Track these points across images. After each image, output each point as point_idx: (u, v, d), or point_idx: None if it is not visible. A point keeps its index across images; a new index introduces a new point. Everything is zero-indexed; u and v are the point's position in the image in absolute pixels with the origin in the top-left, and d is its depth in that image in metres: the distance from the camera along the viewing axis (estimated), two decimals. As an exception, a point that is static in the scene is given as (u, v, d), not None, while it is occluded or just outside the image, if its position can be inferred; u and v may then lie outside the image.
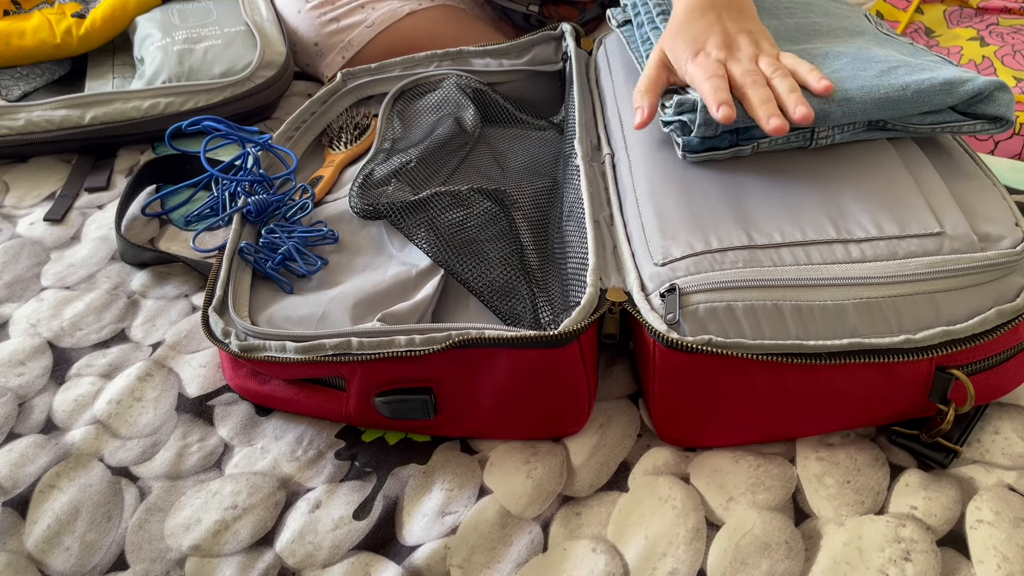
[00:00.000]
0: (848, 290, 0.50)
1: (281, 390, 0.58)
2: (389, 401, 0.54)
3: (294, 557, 0.51)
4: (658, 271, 0.53)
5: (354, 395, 0.55)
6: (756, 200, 0.56)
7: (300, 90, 1.02)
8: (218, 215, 0.76)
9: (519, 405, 0.54)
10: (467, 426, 0.56)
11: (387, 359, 0.52)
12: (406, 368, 0.53)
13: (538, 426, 0.56)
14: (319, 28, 0.99)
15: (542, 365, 0.52)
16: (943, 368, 0.51)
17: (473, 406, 0.54)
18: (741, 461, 0.54)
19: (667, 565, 0.49)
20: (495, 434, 0.57)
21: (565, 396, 0.54)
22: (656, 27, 0.69)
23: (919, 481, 0.53)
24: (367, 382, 0.54)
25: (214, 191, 0.77)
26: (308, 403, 0.57)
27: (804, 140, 0.58)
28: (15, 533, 0.53)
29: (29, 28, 0.95)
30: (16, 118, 0.85)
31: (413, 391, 0.54)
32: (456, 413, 0.55)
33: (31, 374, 0.64)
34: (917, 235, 0.52)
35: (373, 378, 0.54)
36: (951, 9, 1.12)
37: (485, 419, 0.55)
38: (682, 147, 0.59)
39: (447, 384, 0.53)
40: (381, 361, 0.53)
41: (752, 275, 0.51)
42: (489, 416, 0.55)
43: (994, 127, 0.57)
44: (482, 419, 0.55)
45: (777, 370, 0.50)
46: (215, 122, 0.77)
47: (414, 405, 0.54)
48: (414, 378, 0.53)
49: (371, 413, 0.55)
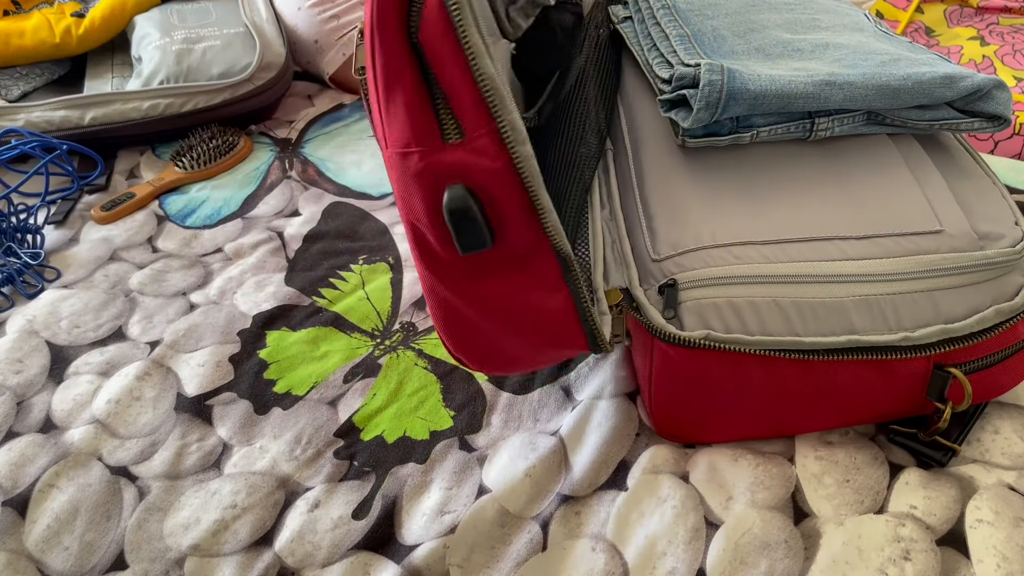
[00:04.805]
0: (847, 287, 0.50)
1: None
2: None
3: (293, 557, 0.51)
4: (657, 266, 0.53)
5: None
6: (755, 196, 0.56)
7: (299, 91, 1.02)
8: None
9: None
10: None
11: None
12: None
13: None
14: (319, 25, 0.99)
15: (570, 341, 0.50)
16: (941, 366, 0.51)
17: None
18: (740, 460, 0.54)
19: (666, 564, 0.49)
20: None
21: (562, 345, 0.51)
22: (656, 23, 0.69)
23: (919, 480, 0.52)
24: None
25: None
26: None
27: (804, 131, 0.58)
28: (15, 532, 0.53)
29: (28, 28, 0.95)
30: (16, 118, 0.85)
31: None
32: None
33: (29, 372, 0.64)
34: (916, 233, 0.52)
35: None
36: (951, 8, 1.12)
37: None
38: (682, 132, 0.59)
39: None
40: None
41: (750, 271, 0.51)
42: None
43: (992, 125, 0.57)
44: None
45: (774, 366, 0.50)
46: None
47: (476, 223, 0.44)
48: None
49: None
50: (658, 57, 0.64)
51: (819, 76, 0.56)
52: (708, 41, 0.64)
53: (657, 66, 0.63)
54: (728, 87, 0.54)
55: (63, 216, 0.81)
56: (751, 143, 0.59)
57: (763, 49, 0.63)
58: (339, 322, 0.69)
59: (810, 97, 0.55)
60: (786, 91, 0.55)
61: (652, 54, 0.65)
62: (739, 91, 0.54)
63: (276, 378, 0.63)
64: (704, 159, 0.60)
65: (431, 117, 0.42)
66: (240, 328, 0.68)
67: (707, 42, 0.64)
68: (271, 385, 0.63)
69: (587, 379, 0.61)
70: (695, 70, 0.56)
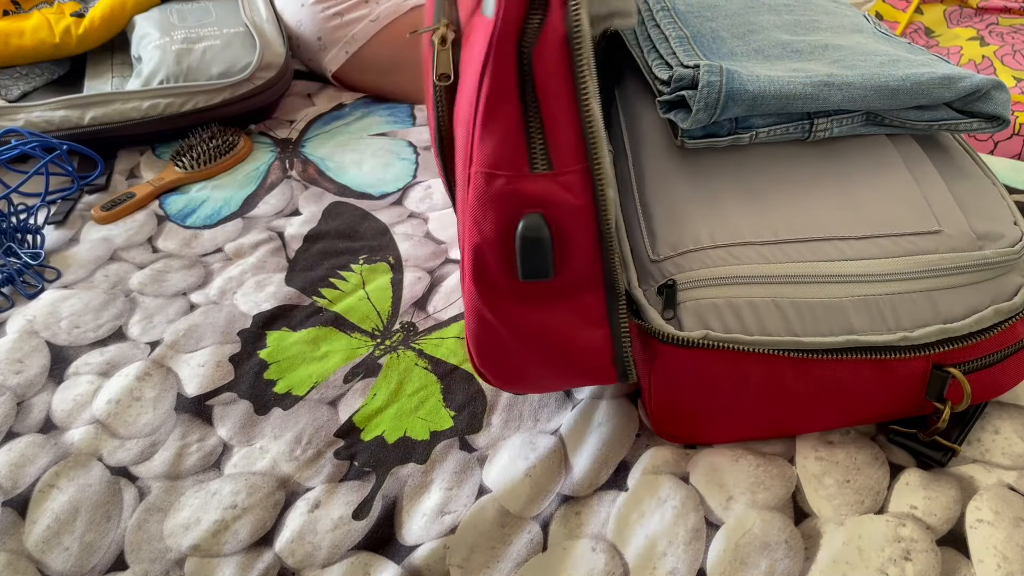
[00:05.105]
0: (846, 287, 0.50)
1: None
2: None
3: (293, 557, 0.51)
4: (656, 267, 0.53)
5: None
6: (754, 197, 0.56)
7: (299, 90, 1.02)
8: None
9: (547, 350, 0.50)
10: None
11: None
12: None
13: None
14: (323, 22, 0.99)
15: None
16: (940, 366, 0.51)
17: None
18: (740, 460, 0.54)
19: (667, 564, 0.49)
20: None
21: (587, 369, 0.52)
22: (656, 25, 0.69)
23: (919, 480, 0.53)
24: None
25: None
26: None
27: (803, 132, 0.58)
28: (15, 533, 0.53)
29: (28, 28, 0.95)
30: (16, 118, 0.85)
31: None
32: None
33: (29, 372, 0.64)
34: (915, 233, 0.52)
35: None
36: (951, 9, 1.12)
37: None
38: (681, 133, 0.59)
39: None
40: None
41: (749, 271, 0.51)
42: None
43: (991, 126, 0.57)
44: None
45: (773, 366, 0.50)
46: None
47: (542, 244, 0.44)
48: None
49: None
50: (657, 59, 0.64)
51: (818, 77, 0.56)
52: (707, 43, 0.64)
53: (656, 68, 0.63)
54: (727, 88, 0.54)
55: (63, 216, 0.81)
56: (750, 144, 0.59)
57: (762, 50, 0.63)
58: (339, 322, 0.69)
59: (809, 98, 0.55)
60: (785, 92, 0.55)
61: (652, 56, 0.65)
62: (738, 92, 0.54)
63: (276, 378, 0.64)
64: (703, 160, 0.60)
65: (524, 143, 0.42)
66: (240, 328, 0.68)
67: (706, 44, 0.64)
68: (271, 385, 0.63)
69: (587, 379, 0.61)
70: (694, 71, 0.56)
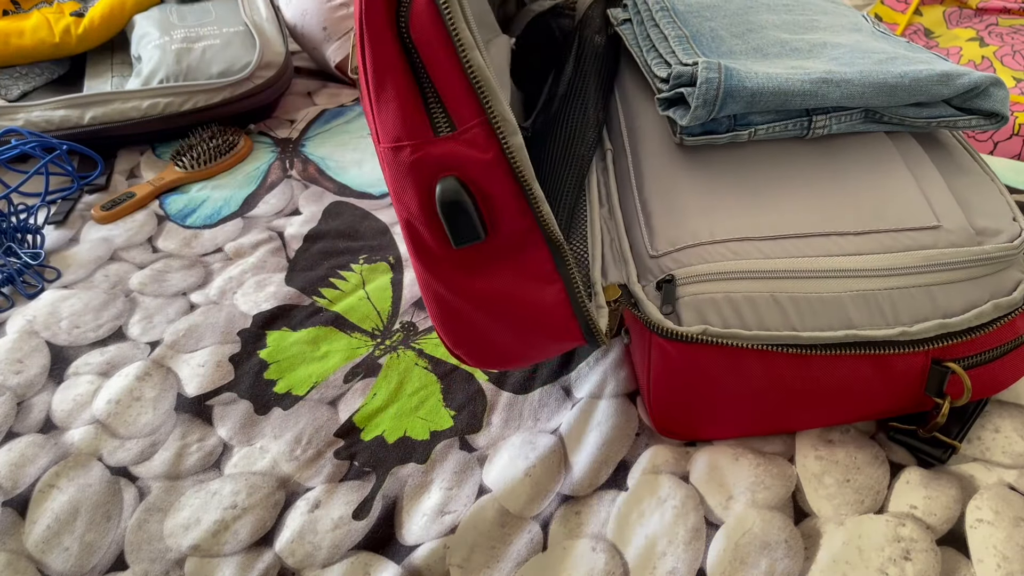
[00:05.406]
0: (844, 282, 0.50)
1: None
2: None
3: (293, 557, 0.51)
4: (655, 262, 0.53)
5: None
6: (753, 193, 0.56)
7: (299, 89, 1.02)
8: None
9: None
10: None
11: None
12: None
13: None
14: (329, 12, 0.99)
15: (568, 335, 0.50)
16: (939, 361, 0.51)
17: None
18: (740, 460, 0.54)
19: (667, 564, 0.49)
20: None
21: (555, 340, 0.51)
22: (655, 25, 0.69)
23: (919, 480, 0.52)
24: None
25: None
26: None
27: (801, 129, 0.58)
28: (15, 533, 0.53)
29: (28, 27, 0.95)
30: (15, 118, 0.85)
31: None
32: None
33: (29, 372, 0.64)
34: (914, 228, 0.52)
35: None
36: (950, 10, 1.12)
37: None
38: (680, 130, 0.59)
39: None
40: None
41: (748, 266, 0.51)
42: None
43: (990, 123, 0.57)
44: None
45: (772, 361, 0.50)
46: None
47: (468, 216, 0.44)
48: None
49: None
50: (657, 58, 0.64)
51: (816, 74, 0.56)
52: (706, 42, 0.64)
53: (655, 66, 0.63)
54: (725, 84, 0.54)
55: (63, 216, 0.81)
56: (749, 141, 0.59)
57: (761, 49, 0.63)
58: (339, 322, 0.69)
59: (807, 95, 0.55)
60: (783, 88, 0.55)
61: (651, 55, 0.66)
62: (736, 88, 0.54)
63: (276, 378, 0.63)
64: (702, 157, 0.60)
65: (421, 110, 0.42)
66: (240, 328, 0.68)
67: (705, 43, 0.64)
68: (271, 385, 0.63)
69: (587, 378, 0.61)
70: (692, 68, 0.56)
